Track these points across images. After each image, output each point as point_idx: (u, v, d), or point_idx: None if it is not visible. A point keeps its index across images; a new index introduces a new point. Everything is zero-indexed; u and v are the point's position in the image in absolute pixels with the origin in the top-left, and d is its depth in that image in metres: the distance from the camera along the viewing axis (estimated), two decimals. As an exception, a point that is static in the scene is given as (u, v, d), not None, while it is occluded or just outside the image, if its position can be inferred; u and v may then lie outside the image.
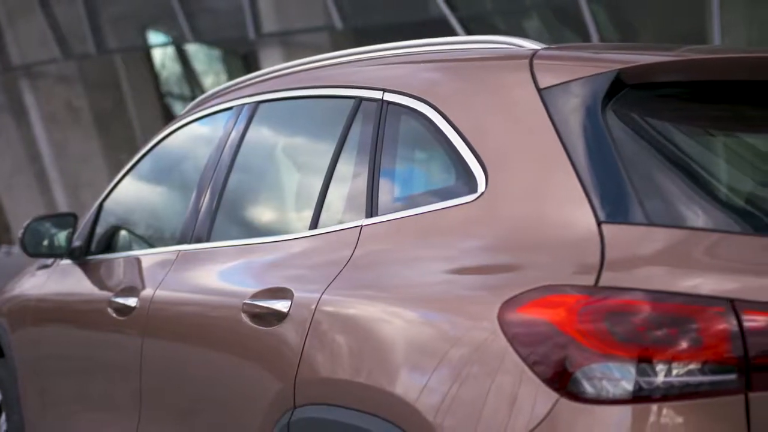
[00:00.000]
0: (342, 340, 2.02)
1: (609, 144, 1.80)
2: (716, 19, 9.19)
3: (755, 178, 2.01)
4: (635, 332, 1.60)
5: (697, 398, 1.57)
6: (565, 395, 1.60)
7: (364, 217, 2.15)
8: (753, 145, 2.06)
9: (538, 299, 1.68)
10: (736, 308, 1.58)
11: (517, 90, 1.97)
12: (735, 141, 2.04)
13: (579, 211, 1.74)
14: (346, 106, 2.34)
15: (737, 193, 1.93)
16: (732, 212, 1.82)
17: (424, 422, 1.78)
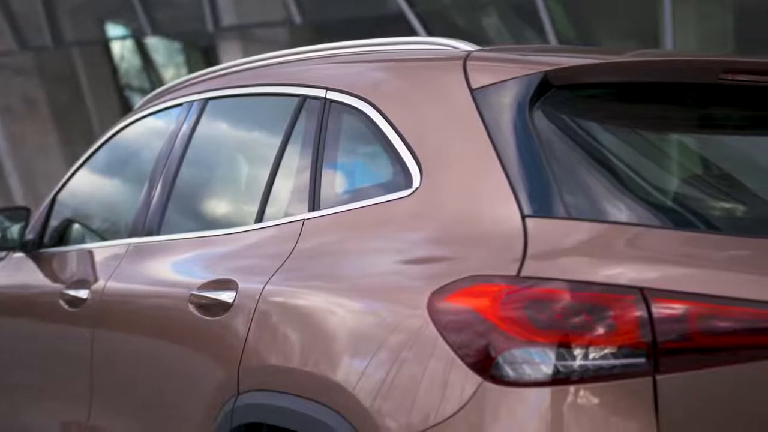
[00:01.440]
0: (284, 329, 2.11)
1: (535, 143, 1.90)
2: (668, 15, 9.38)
3: (675, 175, 2.13)
4: (554, 319, 1.70)
5: (610, 380, 1.68)
6: (489, 379, 1.71)
7: (307, 211, 2.24)
8: (673, 144, 2.18)
9: (464, 289, 1.78)
10: (646, 297, 1.69)
11: (451, 90, 2.06)
12: (656, 140, 2.16)
13: (506, 206, 1.85)
14: (292, 104, 2.43)
15: (657, 189, 2.04)
16: (652, 208, 1.93)
17: (360, 407, 1.87)
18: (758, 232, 1.96)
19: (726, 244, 1.88)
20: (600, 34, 10.53)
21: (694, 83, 2.10)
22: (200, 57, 14.01)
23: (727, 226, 1.99)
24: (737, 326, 1.73)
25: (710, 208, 2.04)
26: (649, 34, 9.85)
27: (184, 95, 2.90)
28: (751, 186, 2.16)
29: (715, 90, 2.13)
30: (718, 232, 1.93)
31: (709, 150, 2.22)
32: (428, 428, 1.75)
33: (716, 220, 2.00)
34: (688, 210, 2.01)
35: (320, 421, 1.94)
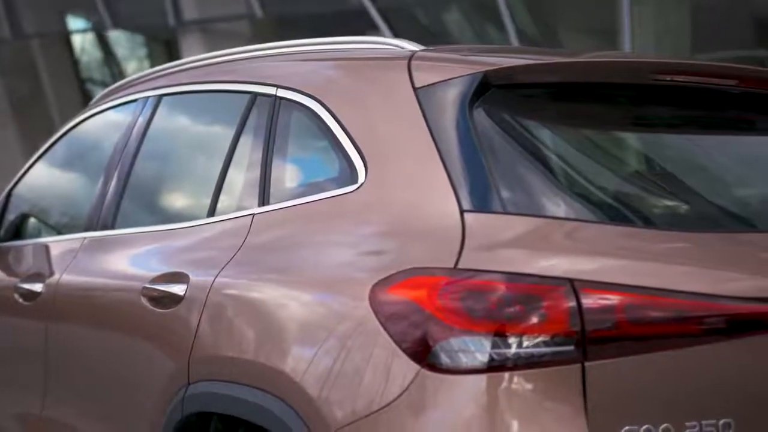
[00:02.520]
0: (233, 321, 2.17)
1: (474, 140, 1.98)
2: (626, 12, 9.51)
3: (610, 172, 2.21)
4: (489, 310, 1.78)
5: (542, 367, 1.76)
6: (426, 366, 1.78)
7: (257, 205, 2.30)
8: (609, 142, 2.27)
9: (404, 281, 1.85)
10: (575, 288, 1.78)
11: (396, 88, 2.13)
12: (592, 138, 2.24)
13: (445, 201, 1.92)
14: (243, 101, 2.48)
15: (593, 186, 2.12)
16: (587, 203, 2.01)
17: (306, 396, 1.93)
18: (690, 226, 2.05)
19: (658, 238, 1.97)
20: (560, 31, 10.66)
21: (628, 83, 2.19)
22: (162, 50, 13.97)
23: (660, 221, 2.07)
24: (664, 315, 1.82)
25: (645, 204, 2.12)
26: (608, 31, 9.99)
27: (138, 91, 2.94)
28: (685, 183, 2.25)
29: (649, 90, 2.22)
30: (651, 227, 2.01)
31: (644, 148, 2.31)
32: (370, 414, 1.82)
33: (650, 216, 2.09)
34: (623, 205, 2.09)
35: (267, 409, 2.00)
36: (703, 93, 2.28)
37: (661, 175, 2.26)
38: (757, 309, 1.89)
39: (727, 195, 2.26)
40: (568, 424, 1.75)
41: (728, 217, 2.16)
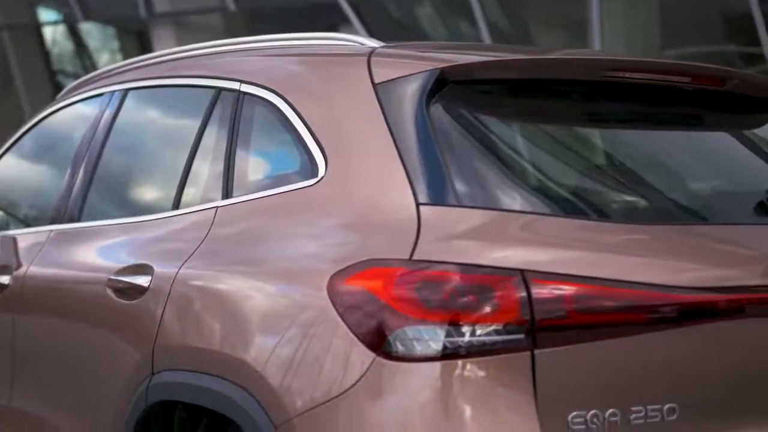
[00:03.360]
0: (196, 311, 2.21)
1: (431, 135, 2.03)
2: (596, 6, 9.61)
3: (565, 167, 2.27)
4: (443, 299, 1.84)
5: (494, 354, 1.82)
6: (381, 354, 1.84)
7: (221, 198, 2.34)
8: (564, 137, 2.33)
9: (361, 272, 1.90)
10: (526, 278, 1.84)
11: (356, 84, 2.18)
12: (547, 133, 2.30)
13: (402, 194, 1.98)
14: (208, 96, 2.53)
15: (548, 180, 2.18)
16: (542, 197, 2.07)
17: (267, 385, 1.98)
18: (645, 219, 2.12)
19: (613, 230, 2.03)
20: (531, 25, 10.74)
21: (582, 80, 2.25)
22: (134, 43, 13.92)
23: (616, 214, 2.13)
24: (612, 305, 1.88)
25: (600, 198, 2.18)
26: (579, 26, 10.08)
27: (105, 85, 2.98)
28: (640, 177, 2.32)
29: (604, 87, 2.28)
30: (606, 220, 2.07)
31: (600, 143, 2.37)
32: (328, 401, 1.88)
33: (605, 209, 2.15)
34: (578, 199, 2.15)
35: (229, 398, 2.05)
36: (658, 90, 2.34)
37: (616, 170, 2.33)
38: (705, 298, 1.96)
39: (681, 189, 2.32)
40: (518, 410, 1.81)
41: (682, 210, 2.23)
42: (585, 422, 1.84)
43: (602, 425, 1.84)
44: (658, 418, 1.88)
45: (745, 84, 2.47)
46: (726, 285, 2.00)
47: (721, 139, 2.53)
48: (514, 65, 2.21)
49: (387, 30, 10.68)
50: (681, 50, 9.84)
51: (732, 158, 2.49)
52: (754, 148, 2.56)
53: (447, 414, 1.80)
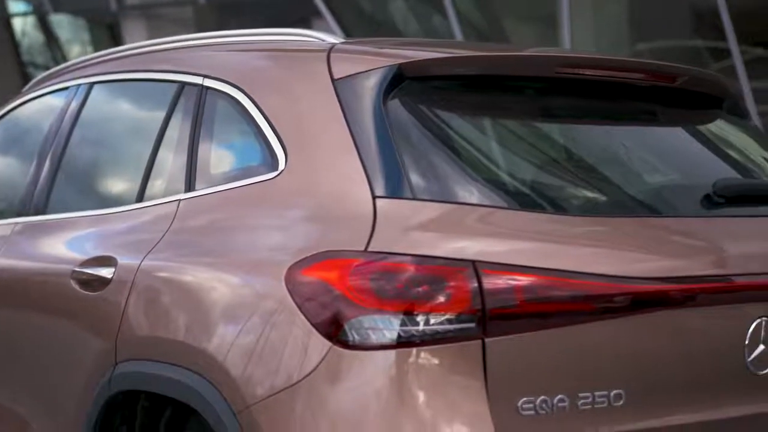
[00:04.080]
0: (158, 302, 2.25)
1: (387, 130, 2.08)
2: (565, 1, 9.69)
3: (522, 161, 2.32)
4: (397, 290, 1.89)
5: (446, 343, 1.88)
6: (337, 343, 1.89)
7: (183, 191, 2.38)
8: (520, 132, 2.38)
9: (317, 263, 1.95)
10: (477, 269, 1.90)
11: (315, 79, 2.23)
12: (504, 128, 2.35)
13: (359, 187, 2.03)
14: (171, 90, 2.56)
15: (504, 173, 2.23)
16: (496, 190, 2.11)
17: (227, 374, 2.03)
18: (600, 212, 2.18)
19: (565, 223, 2.08)
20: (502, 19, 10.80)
21: (536, 76, 2.31)
22: (105, 35, 13.85)
23: (571, 207, 2.18)
24: (562, 295, 1.94)
25: (555, 191, 2.23)
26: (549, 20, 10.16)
27: (71, 78, 3.00)
28: (596, 171, 2.37)
29: (560, 83, 2.33)
30: (562, 213, 2.13)
31: (556, 138, 2.42)
32: (285, 389, 1.93)
33: (561, 202, 2.20)
34: (534, 193, 2.20)
35: (190, 387, 2.09)
36: (611, 86, 2.40)
37: (571, 164, 2.38)
38: (654, 288, 2.03)
39: (634, 183, 2.38)
40: (470, 396, 1.87)
41: (636, 203, 2.28)
42: (534, 407, 1.90)
43: (551, 410, 1.91)
44: (605, 403, 1.95)
45: (695, 80, 2.54)
46: (676, 275, 2.07)
47: (673, 134, 2.60)
48: (470, 62, 2.27)
49: (359, 24, 10.71)
50: (650, 44, 9.95)
51: (683, 153, 2.56)
52: (704, 143, 2.63)
53: (401, 400, 1.85)
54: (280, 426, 1.92)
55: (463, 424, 1.85)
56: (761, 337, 2.12)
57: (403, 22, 10.97)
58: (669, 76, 2.47)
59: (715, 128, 2.63)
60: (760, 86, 9.09)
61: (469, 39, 9.82)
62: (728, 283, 2.12)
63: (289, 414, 1.91)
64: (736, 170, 2.58)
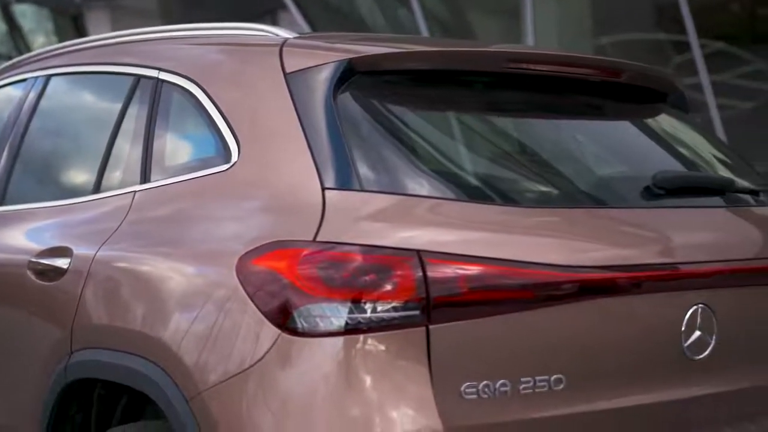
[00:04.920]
0: (113, 292, 2.29)
1: (337, 123, 2.13)
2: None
3: (471, 154, 2.38)
4: (344, 278, 1.95)
5: (392, 330, 1.93)
6: (286, 331, 1.94)
7: (139, 183, 2.42)
8: (470, 126, 2.44)
9: (267, 253, 2.00)
10: (422, 258, 1.95)
11: (268, 73, 2.27)
12: (454, 122, 2.41)
13: (309, 179, 2.08)
14: (127, 83, 2.60)
15: (454, 166, 2.29)
16: (447, 182, 2.17)
17: (179, 361, 2.07)
18: (545, 203, 2.24)
19: (513, 214, 2.14)
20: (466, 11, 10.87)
21: (485, 71, 2.37)
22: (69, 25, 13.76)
23: (520, 198, 2.24)
24: (504, 283, 2.01)
25: (502, 183, 2.29)
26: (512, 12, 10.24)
27: (29, 70, 3.03)
28: (545, 163, 2.43)
29: (507, 77, 2.40)
30: (507, 204, 2.18)
31: (503, 131, 2.49)
32: (235, 375, 1.97)
33: (508, 194, 2.26)
34: (482, 184, 2.26)
35: (144, 374, 2.14)
36: (559, 80, 2.47)
37: (519, 157, 2.45)
38: (595, 276, 2.09)
39: (582, 175, 2.45)
40: (415, 380, 1.93)
41: (583, 194, 2.35)
42: (477, 392, 1.96)
43: (493, 395, 1.97)
44: (545, 388, 2.02)
45: (640, 76, 2.62)
46: (617, 264, 2.14)
47: (619, 128, 2.68)
48: (420, 57, 2.32)
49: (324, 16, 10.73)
50: (612, 38, 10.06)
51: (628, 146, 2.63)
52: (649, 136, 2.71)
53: (349, 383, 1.91)
54: (231, 411, 1.97)
55: (407, 407, 1.91)
56: (697, 323, 2.21)
57: (369, 15, 11.00)
58: (614, 72, 2.54)
59: (659, 122, 2.71)
60: (719, 79, 9.22)
61: (434, 32, 9.88)
62: (666, 271, 2.19)
63: (240, 399, 1.96)
64: (680, 163, 2.67)
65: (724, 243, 2.35)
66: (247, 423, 1.94)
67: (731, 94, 9.27)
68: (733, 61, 9.28)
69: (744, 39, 9.47)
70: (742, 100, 9.45)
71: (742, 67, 9.31)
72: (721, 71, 9.24)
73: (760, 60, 9.29)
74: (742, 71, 9.37)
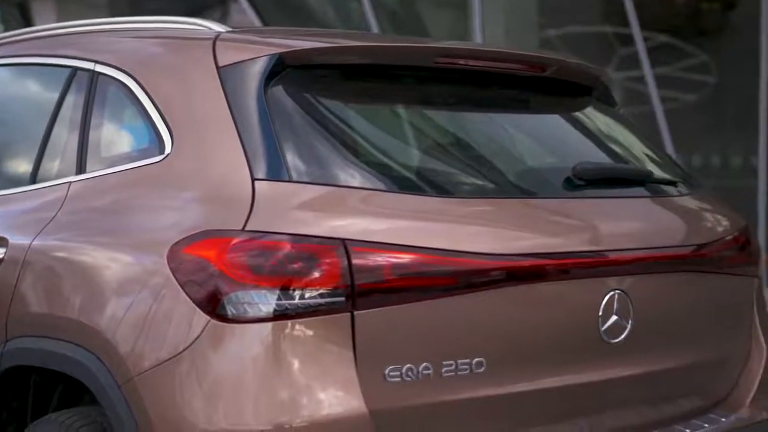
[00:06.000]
0: (47, 281, 2.33)
1: (267, 116, 2.19)
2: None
3: (401, 146, 2.44)
4: (272, 266, 2.01)
5: (319, 315, 2.00)
6: (215, 317, 2.00)
7: (74, 174, 2.46)
8: (398, 119, 2.51)
9: (198, 242, 2.06)
10: (347, 247, 2.03)
11: (201, 67, 2.32)
12: (382, 115, 2.48)
13: (240, 170, 2.13)
14: (64, 75, 2.63)
15: (384, 158, 2.35)
16: (375, 174, 2.23)
17: (112, 347, 2.12)
18: (474, 194, 2.32)
19: (440, 204, 2.21)
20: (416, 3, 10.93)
21: (415, 66, 2.44)
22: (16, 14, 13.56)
23: (445, 190, 2.31)
24: (426, 270, 2.08)
25: (431, 175, 2.35)
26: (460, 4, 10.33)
27: (-34, 62, 3.03)
28: (470, 155, 2.51)
29: (437, 72, 2.47)
30: (435, 195, 2.25)
31: (432, 125, 2.56)
32: (165, 361, 2.03)
33: (436, 185, 2.32)
34: (412, 176, 2.32)
35: (78, 361, 2.18)
36: (487, 75, 2.55)
37: (451, 149, 2.52)
38: (514, 264, 2.17)
39: (511, 166, 2.53)
40: (340, 364, 2.00)
41: (511, 186, 2.43)
42: (400, 375, 2.04)
43: (416, 377, 2.05)
44: (467, 371, 2.10)
45: (565, 70, 2.71)
46: (537, 252, 2.23)
47: (546, 121, 2.77)
48: (349, 51, 2.39)
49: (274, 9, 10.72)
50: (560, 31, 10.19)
51: (554, 138, 2.73)
52: (575, 129, 2.80)
53: (277, 368, 1.98)
54: (162, 396, 2.02)
55: (333, 389, 1.99)
56: (614, 308, 2.31)
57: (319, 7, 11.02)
58: (540, 66, 2.63)
59: (585, 115, 2.80)
60: (662, 72, 9.40)
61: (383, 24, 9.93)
62: (583, 259, 2.29)
63: (171, 384, 2.02)
64: (605, 155, 2.77)
65: (641, 232, 2.46)
66: (178, 407, 2.00)
67: (675, 86, 9.45)
68: (676, 54, 9.46)
69: (688, 32, 9.66)
70: (685, 92, 9.64)
71: (685, 59, 9.50)
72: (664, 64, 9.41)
73: (703, 53, 9.49)
74: (685, 64, 9.56)
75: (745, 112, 8.94)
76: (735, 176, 9.30)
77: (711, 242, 2.58)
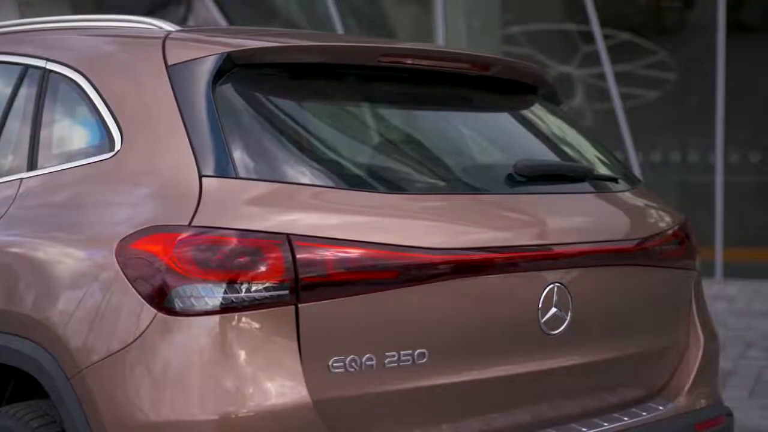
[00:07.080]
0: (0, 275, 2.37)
1: (215, 114, 2.24)
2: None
3: (346, 144, 2.49)
4: (218, 260, 2.06)
5: (264, 308, 2.06)
6: (162, 311, 2.05)
7: (26, 170, 2.50)
8: (343, 116, 2.57)
9: (145, 237, 2.11)
10: (291, 241, 2.08)
11: (151, 65, 2.37)
12: (328, 113, 2.53)
13: (187, 167, 2.18)
14: (16, 72, 2.66)
15: (331, 155, 2.40)
16: (323, 171, 2.27)
17: (62, 341, 2.16)
18: (420, 191, 2.37)
19: (386, 200, 2.26)
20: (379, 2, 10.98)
21: (360, 65, 2.50)
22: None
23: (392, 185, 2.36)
24: (368, 264, 2.13)
25: (379, 172, 2.40)
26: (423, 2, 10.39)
27: None
28: (419, 152, 2.56)
29: (382, 70, 2.52)
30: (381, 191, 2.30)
31: (377, 122, 2.61)
32: (113, 354, 2.07)
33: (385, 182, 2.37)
34: (361, 173, 2.37)
35: (27, 355, 2.22)
36: (433, 74, 2.61)
37: (398, 147, 2.57)
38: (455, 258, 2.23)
39: (459, 163, 2.59)
40: (285, 356, 2.06)
41: (459, 182, 2.49)
42: (344, 365, 2.10)
43: (359, 368, 2.11)
44: (409, 361, 2.17)
45: (509, 69, 2.77)
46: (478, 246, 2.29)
47: (491, 119, 2.83)
48: (297, 50, 2.44)
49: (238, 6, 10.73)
50: (522, 28, 10.29)
51: (499, 136, 2.79)
52: (520, 127, 2.87)
53: (224, 359, 2.03)
54: (110, 388, 2.07)
55: (278, 380, 2.04)
56: (554, 301, 2.38)
57: (283, 5, 11.04)
58: (484, 66, 2.69)
59: (529, 114, 2.87)
60: (623, 69, 9.52)
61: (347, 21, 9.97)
62: (523, 253, 2.36)
63: (118, 377, 2.06)
64: (549, 152, 2.84)
65: (582, 227, 2.53)
66: (126, 399, 2.04)
67: (634, 83, 9.59)
68: (636, 52, 9.60)
69: (648, 30, 9.79)
70: (645, 89, 9.78)
71: (645, 57, 9.64)
72: (624, 61, 9.54)
73: (663, 50, 9.63)
74: (645, 61, 9.70)
75: (703, 109, 9.10)
76: (694, 172, 9.46)
77: (650, 237, 2.66)
